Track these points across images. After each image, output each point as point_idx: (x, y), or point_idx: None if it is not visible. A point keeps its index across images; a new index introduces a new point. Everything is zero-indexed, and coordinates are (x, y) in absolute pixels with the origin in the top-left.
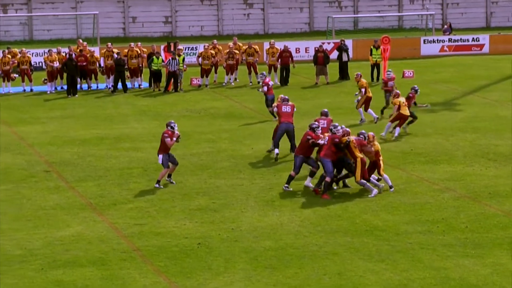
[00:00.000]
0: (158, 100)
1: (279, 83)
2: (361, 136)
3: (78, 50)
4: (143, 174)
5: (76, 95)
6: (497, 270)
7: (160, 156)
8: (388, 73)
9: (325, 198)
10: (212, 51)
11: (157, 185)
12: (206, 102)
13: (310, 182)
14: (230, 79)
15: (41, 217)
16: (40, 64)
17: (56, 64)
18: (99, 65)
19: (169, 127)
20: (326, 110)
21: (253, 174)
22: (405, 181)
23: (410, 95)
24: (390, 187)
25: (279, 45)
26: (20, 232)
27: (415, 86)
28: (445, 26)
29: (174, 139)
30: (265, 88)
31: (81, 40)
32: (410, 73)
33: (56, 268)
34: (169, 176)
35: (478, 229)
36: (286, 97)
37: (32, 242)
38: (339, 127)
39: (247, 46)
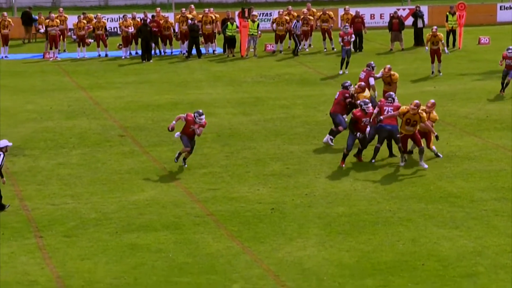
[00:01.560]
0: (232, 66)
1: (353, 49)
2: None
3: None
4: (217, 140)
5: (151, 61)
6: None
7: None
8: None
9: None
10: (287, 17)
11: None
12: (280, 68)
13: (329, 140)
14: (304, 45)
15: (116, 181)
16: (115, 29)
17: (131, 30)
18: (174, 30)
19: (193, 114)
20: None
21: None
22: (480, 148)
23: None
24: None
25: (354, 11)
26: (95, 196)
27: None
28: None
29: (197, 129)
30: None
31: (158, 9)
32: (486, 40)
33: (130, 231)
34: (184, 159)
35: None
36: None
37: (107, 205)
38: (369, 105)
39: (321, 12)
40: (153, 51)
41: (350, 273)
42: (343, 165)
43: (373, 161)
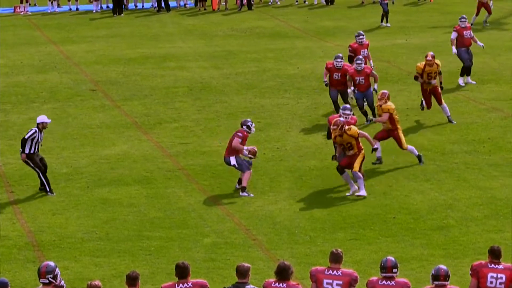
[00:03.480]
0: (203, 20)
1: (324, 2)
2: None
3: None
4: (188, 94)
5: (122, 14)
6: None
7: (233, 158)
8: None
9: None
10: None
11: (245, 193)
12: (252, 22)
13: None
14: None
15: (87, 135)
16: None
17: None
18: None
19: (244, 126)
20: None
21: (299, 93)
22: (451, 101)
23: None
24: (419, 157)
25: None
26: (67, 151)
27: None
28: None
29: (245, 149)
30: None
31: None
32: None
33: (101, 186)
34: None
35: None
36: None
37: (78, 160)
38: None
39: None
40: (124, 5)
41: (321, 226)
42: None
43: None
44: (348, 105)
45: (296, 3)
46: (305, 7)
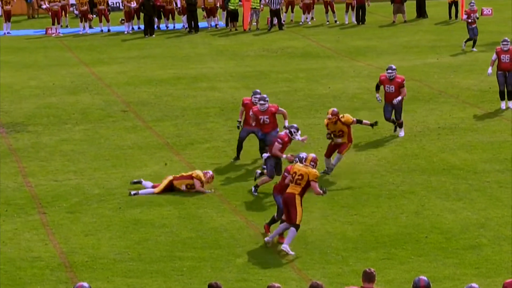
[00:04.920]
0: (234, 40)
1: (355, 22)
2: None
3: None
4: (220, 114)
5: (153, 35)
6: None
7: (266, 154)
8: (472, 4)
9: None
10: None
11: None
12: (283, 42)
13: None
14: (307, 18)
15: (119, 156)
16: (118, 4)
17: (133, 4)
18: (176, 4)
19: (287, 130)
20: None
21: None
22: (483, 120)
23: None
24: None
25: None
26: (98, 172)
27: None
28: None
29: (284, 156)
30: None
31: None
32: (489, 11)
33: (133, 207)
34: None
35: None
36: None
37: (110, 181)
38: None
39: None
40: (155, 26)
41: (353, 246)
42: None
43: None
44: None
45: (327, 23)
46: (336, 27)
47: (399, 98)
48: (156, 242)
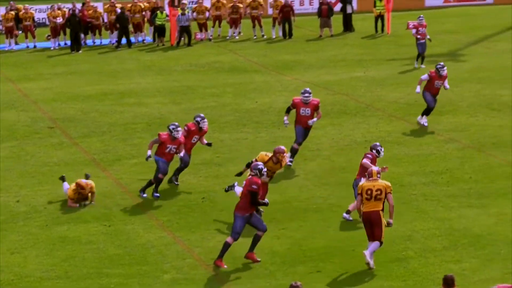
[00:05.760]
0: (162, 55)
1: (282, 36)
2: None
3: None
4: (147, 129)
5: (80, 51)
6: (501, 219)
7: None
8: (420, 18)
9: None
10: (207, 5)
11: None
12: (210, 57)
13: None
14: (234, 32)
15: (45, 173)
16: (43, 20)
17: (60, 20)
18: (103, 20)
19: (374, 151)
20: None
21: (258, 127)
22: (409, 133)
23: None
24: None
25: None
26: (25, 189)
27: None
28: None
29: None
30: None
31: None
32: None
33: (60, 224)
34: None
35: (482, 179)
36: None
37: (37, 198)
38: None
39: (251, 0)
40: (82, 42)
41: (281, 260)
42: None
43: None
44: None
45: (255, 37)
46: (263, 41)
47: (314, 119)
48: (83, 259)
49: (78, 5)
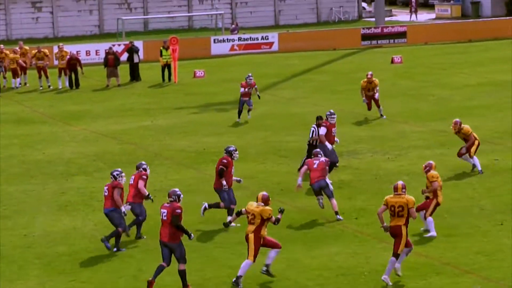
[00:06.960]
0: None
1: (68, 87)
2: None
3: None
4: None
5: None
6: (291, 265)
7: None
8: (250, 77)
9: None
10: None
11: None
12: None
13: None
14: (16, 83)
15: None
16: None
17: None
18: None
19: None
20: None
21: (45, 179)
22: (198, 181)
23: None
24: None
25: (69, 48)
26: None
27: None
28: (233, 26)
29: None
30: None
31: None
32: (201, 73)
33: None
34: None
35: (272, 226)
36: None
37: None
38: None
39: (36, 50)
40: None
41: None
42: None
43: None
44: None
45: (41, 88)
46: (50, 92)
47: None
48: None
49: None
